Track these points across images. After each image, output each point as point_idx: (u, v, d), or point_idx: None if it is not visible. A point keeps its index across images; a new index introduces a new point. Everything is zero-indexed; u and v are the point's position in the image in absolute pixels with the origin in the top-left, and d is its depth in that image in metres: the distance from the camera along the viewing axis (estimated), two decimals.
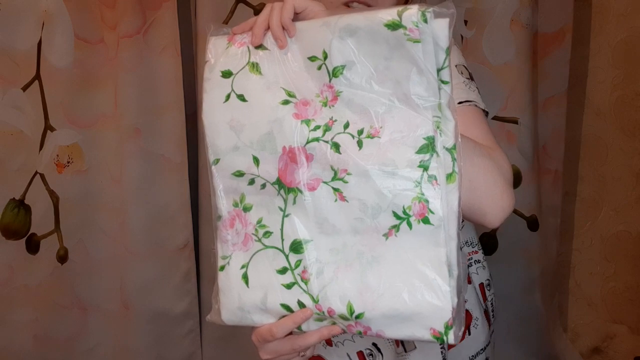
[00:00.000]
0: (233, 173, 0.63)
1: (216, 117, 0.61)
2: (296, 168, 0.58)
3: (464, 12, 1.27)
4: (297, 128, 0.58)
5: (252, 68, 0.60)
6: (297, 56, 0.60)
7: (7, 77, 1.36)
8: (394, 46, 0.54)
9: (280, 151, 0.59)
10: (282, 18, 0.60)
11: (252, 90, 0.60)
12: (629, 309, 1.46)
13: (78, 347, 1.43)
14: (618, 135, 1.41)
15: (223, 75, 0.61)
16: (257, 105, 0.60)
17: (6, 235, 1.40)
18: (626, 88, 1.39)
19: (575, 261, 1.48)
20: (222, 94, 0.61)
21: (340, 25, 0.56)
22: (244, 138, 0.60)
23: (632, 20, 1.37)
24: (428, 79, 0.54)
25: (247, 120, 0.60)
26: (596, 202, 1.45)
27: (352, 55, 0.56)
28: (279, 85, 0.59)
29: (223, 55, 0.61)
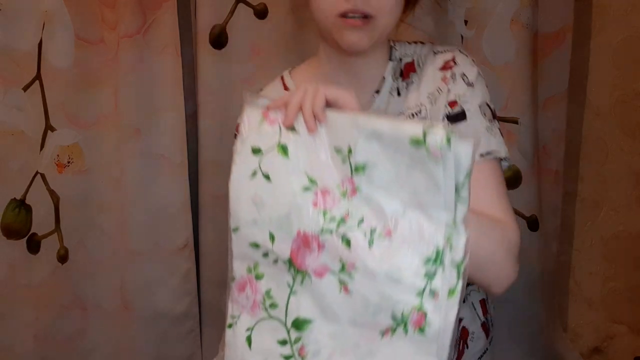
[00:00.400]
0: (250, 243, 0.66)
1: (241, 190, 0.65)
2: (308, 253, 0.62)
3: (464, 12, 1.27)
4: (313, 216, 0.61)
5: (280, 150, 0.63)
6: (324, 143, 0.63)
7: (7, 77, 1.36)
8: (416, 159, 0.57)
9: (295, 234, 0.62)
10: (313, 105, 0.62)
11: (278, 172, 0.63)
12: (629, 309, 1.46)
13: (78, 347, 1.43)
14: (618, 135, 1.41)
15: (253, 152, 0.64)
16: (280, 187, 0.63)
17: (7, 235, 1.40)
18: (626, 88, 1.39)
19: (575, 261, 1.48)
20: (250, 169, 0.64)
21: (367, 127, 0.59)
22: (264, 214, 0.64)
23: (632, 20, 1.36)
24: (445, 196, 0.56)
25: (269, 199, 0.64)
26: (596, 202, 1.45)
27: (376, 157, 0.59)
28: (303, 171, 0.63)
29: (255, 132, 0.65)
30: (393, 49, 0.84)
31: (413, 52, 0.83)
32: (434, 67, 0.80)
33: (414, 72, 0.81)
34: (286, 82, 0.89)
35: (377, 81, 0.82)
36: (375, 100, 0.81)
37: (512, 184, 1.30)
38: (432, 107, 0.79)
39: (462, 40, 1.27)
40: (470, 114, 0.77)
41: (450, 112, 0.78)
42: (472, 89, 0.78)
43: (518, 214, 1.31)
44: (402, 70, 0.82)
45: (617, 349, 1.46)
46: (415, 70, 0.81)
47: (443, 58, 0.81)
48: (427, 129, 0.55)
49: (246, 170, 0.65)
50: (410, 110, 0.80)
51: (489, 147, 0.77)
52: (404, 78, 0.81)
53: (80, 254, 1.41)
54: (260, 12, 1.31)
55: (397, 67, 0.82)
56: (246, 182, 0.65)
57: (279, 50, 1.31)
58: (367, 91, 0.82)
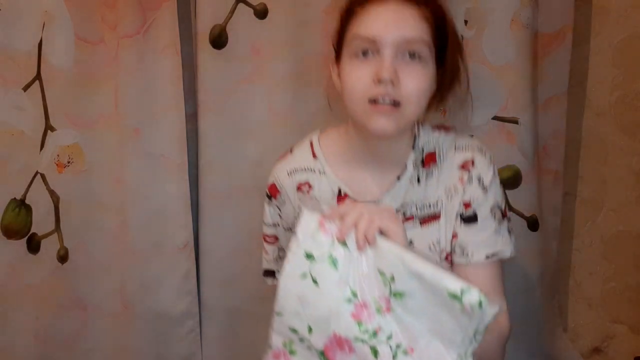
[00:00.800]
0: (290, 328, 0.75)
1: (290, 286, 0.74)
2: (339, 351, 0.72)
3: (464, 12, 1.27)
4: (350, 325, 0.70)
5: (330, 261, 0.71)
6: (370, 262, 0.71)
7: (7, 77, 1.36)
8: (449, 307, 0.66)
9: (331, 334, 0.71)
10: (367, 230, 0.70)
11: (325, 279, 0.72)
12: (629, 309, 1.46)
13: (78, 347, 1.43)
14: (618, 135, 1.41)
15: (306, 257, 0.72)
16: (325, 293, 0.72)
17: (7, 235, 1.40)
18: (626, 88, 1.39)
19: (575, 261, 1.48)
20: (301, 270, 0.73)
21: (412, 267, 0.68)
22: (307, 311, 0.73)
23: (632, 20, 1.37)
24: (464, 336, 0.67)
25: (313, 301, 0.72)
26: (596, 202, 1.45)
27: (414, 291, 0.68)
28: (348, 284, 0.71)
29: (310, 238, 0.72)
30: (417, 137, 0.88)
31: (435, 142, 0.88)
32: (454, 163, 0.86)
33: (434, 163, 0.87)
34: (315, 151, 0.92)
35: (400, 167, 0.87)
36: (395, 186, 0.87)
37: (512, 184, 1.30)
38: (449, 203, 0.86)
39: (462, 40, 1.27)
40: (482, 219, 0.85)
41: (464, 213, 0.85)
42: (486, 194, 0.85)
43: (518, 214, 1.31)
44: (424, 159, 0.87)
45: (617, 349, 1.46)
46: (436, 161, 0.87)
47: (463, 157, 0.87)
48: (465, 290, 0.65)
49: (298, 270, 0.73)
50: (429, 200, 0.87)
51: (495, 249, 0.85)
52: (424, 166, 0.87)
53: (80, 254, 1.41)
54: (260, 12, 1.31)
55: (419, 156, 0.87)
56: (296, 280, 0.73)
57: (279, 50, 1.31)
58: (389, 175, 0.87)
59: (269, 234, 0.99)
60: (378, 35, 0.76)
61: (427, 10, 0.80)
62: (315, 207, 0.89)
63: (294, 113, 1.32)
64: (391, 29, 0.76)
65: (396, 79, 0.75)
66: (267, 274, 1.02)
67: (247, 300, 1.38)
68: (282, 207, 0.95)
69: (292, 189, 0.92)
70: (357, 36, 0.78)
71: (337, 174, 0.89)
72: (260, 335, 1.38)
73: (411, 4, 0.79)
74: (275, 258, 0.99)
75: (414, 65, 0.77)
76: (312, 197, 0.89)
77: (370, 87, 0.76)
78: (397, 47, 0.76)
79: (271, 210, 0.97)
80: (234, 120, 1.34)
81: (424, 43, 0.77)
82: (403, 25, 0.77)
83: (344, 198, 0.87)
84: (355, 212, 0.71)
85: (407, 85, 0.76)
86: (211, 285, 1.39)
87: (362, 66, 0.78)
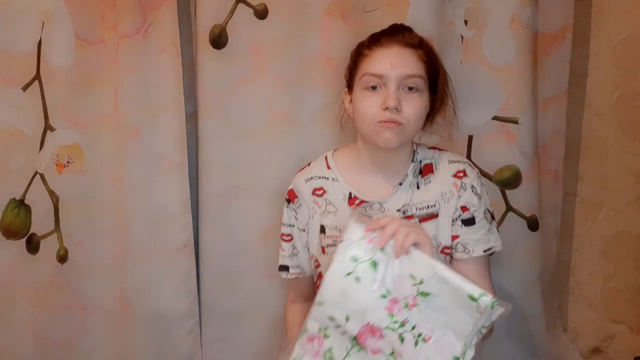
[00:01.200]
0: (328, 316, 0.90)
1: (335, 282, 0.89)
2: (370, 337, 0.88)
3: (464, 12, 1.27)
4: (383, 316, 0.87)
5: (371, 264, 0.88)
6: (404, 268, 0.87)
7: (7, 77, 1.36)
8: (467, 306, 0.85)
9: (366, 323, 0.88)
10: (404, 240, 0.86)
11: (366, 278, 0.88)
12: (629, 309, 1.46)
13: (78, 347, 1.43)
14: (618, 135, 1.42)
15: (352, 259, 0.88)
16: (365, 289, 0.87)
17: (6, 235, 1.40)
18: (626, 88, 1.39)
19: (575, 261, 1.48)
20: (347, 270, 0.88)
21: (441, 274, 0.86)
22: (347, 303, 0.88)
23: (632, 20, 1.37)
24: (472, 330, 0.85)
25: (354, 295, 0.88)
26: (596, 202, 1.45)
27: (438, 293, 0.86)
28: (384, 283, 0.87)
29: (356, 245, 0.88)
30: (415, 152, 1.07)
31: (432, 157, 1.07)
32: (448, 173, 1.04)
33: (432, 173, 1.06)
34: (329, 162, 1.11)
35: (401, 176, 1.05)
36: (397, 190, 1.05)
37: (512, 184, 1.30)
38: (445, 205, 1.04)
39: (462, 40, 1.28)
40: (478, 220, 1.04)
41: (462, 216, 1.04)
42: (480, 200, 1.04)
43: (518, 214, 1.31)
44: (422, 169, 1.06)
45: (617, 349, 1.47)
46: (433, 171, 1.05)
47: (456, 167, 1.05)
48: (482, 294, 0.84)
49: (343, 270, 0.88)
50: (427, 203, 1.04)
51: (490, 244, 1.05)
52: (422, 175, 1.06)
53: (80, 254, 1.41)
54: (260, 12, 1.31)
55: (417, 167, 1.06)
56: (341, 277, 0.88)
57: (279, 50, 1.31)
58: (392, 181, 1.05)
59: (286, 233, 1.13)
60: (385, 73, 0.97)
61: (422, 52, 1.00)
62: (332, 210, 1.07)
63: (294, 113, 1.32)
64: (395, 68, 0.97)
65: (399, 106, 0.96)
66: (282, 268, 1.14)
67: (247, 300, 1.38)
68: (298, 210, 1.11)
69: (308, 193, 1.09)
70: (369, 74, 0.98)
71: (347, 181, 1.07)
72: (260, 335, 1.39)
73: (410, 47, 0.99)
74: (290, 255, 1.13)
75: (412, 95, 0.98)
76: (325, 199, 1.07)
77: (379, 112, 0.96)
78: (400, 82, 0.97)
79: (289, 213, 1.12)
80: (234, 120, 1.34)
81: (420, 78, 0.98)
82: (404, 64, 0.97)
83: (354, 200, 1.05)
84: (394, 225, 0.87)
85: (407, 111, 0.97)
86: (211, 285, 1.39)
87: (372, 96, 0.98)
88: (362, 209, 1.04)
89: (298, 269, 1.13)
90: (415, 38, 1.02)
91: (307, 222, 1.09)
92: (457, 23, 1.27)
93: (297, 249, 1.11)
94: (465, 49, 1.28)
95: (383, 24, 1.25)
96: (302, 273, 1.13)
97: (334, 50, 1.28)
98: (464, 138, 1.30)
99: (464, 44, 1.28)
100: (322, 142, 1.30)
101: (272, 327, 1.38)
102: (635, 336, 1.45)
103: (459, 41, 1.28)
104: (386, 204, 1.04)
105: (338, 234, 1.04)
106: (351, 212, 0.96)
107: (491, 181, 1.30)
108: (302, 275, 1.13)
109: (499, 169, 1.30)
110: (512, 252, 1.31)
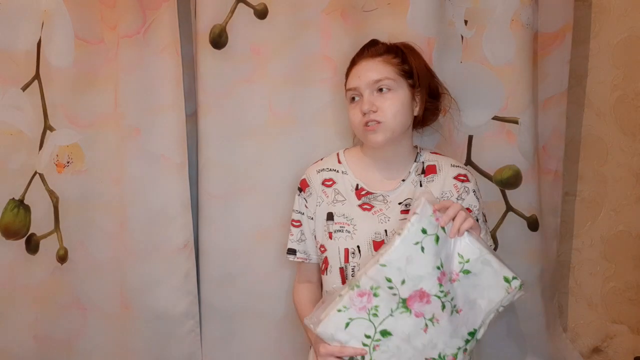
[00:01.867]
0: (386, 277, 0.99)
1: (403, 249, 0.99)
2: (418, 302, 0.99)
3: (464, 12, 1.27)
4: (434, 284, 0.98)
5: (435, 238, 0.99)
6: (455, 246, 1.01)
7: (6, 77, 1.36)
8: (499, 285, 1.01)
9: (419, 289, 0.99)
10: (461, 223, 1.00)
11: (429, 249, 0.99)
12: (629, 309, 1.46)
13: (78, 347, 1.43)
14: (618, 135, 1.42)
15: (422, 231, 0.99)
16: (425, 259, 0.98)
17: (6, 236, 1.40)
18: (626, 88, 1.40)
19: (575, 261, 1.49)
20: (415, 239, 0.99)
21: (487, 257, 1.00)
22: (408, 269, 0.99)
23: (632, 20, 1.37)
24: (495, 306, 1.01)
25: (416, 262, 0.99)
26: (596, 202, 1.45)
27: (478, 272, 1.00)
28: (440, 256, 0.99)
29: (427, 220, 0.99)
30: (419, 154, 1.17)
31: (435, 160, 1.16)
32: (451, 174, 1.14)
33: (434, 174, 1.15)
34: (340, 158, 1.20)
35: (405, 173, 1.15)
36: (401, 186, 1.14)
37: (512, 184, 1.30)
38: None
39: (462, 40, 1.28)
40: (480, 223, 1.13)
41: None
42: (479, 204, 1.14)
43: (518, 214, 1.31)
44: (425, 169, 1.15)
45: (617, 349, 1.47)
46: (436, 172, 1.15)
47: (458, 171, 1.15)
48: (514, 277, 1.00)
49: (413, 239, 0.98)
50: None
51: (488, 243, 1.15)
52: (425, 175, 1.15)
53: (79, 254, 1.41)
54: (260, 12, 1.31)
55: (420, 166, 1.16)
56: (409, 245, 0.99)
57: (279, 50, 1.31)
58: (396, 177, 1.15)
59: (296, 219, 1.21)
60: (357, 85, 1.10)
61: (388, 56, 1.11)
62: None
63: (294, 113, 1.32)
64: (362, 78, 1.10)
65: (374, 107, 1.08)
66: (290, 251, 1.21)
67: (247, 300, 1.38)
68: (308, 198, 1.18)
69: (318, 183, 1.18)
70: (348, 89, 1.13)
71: (356, 175, 1.16)
72: (260, 335, 1.39)
73: (376, 57, 1.11)
74: (298, 240, 1.20)
75: (385, 95, 1.09)
76: (334, 189, 1.16)
77: (361, 118, 1.09)
78: (370, 88, 1.09)
79: (299, 201, 1.20)
80: (234, 120, 1.34)
81: (387, 79, 1.09)
82: (371, 73, 1.09)
83: (361, 191, 1.14)
84: (455, 209, 1.00)
85: (383, 109, 1.08)
86: (211, 285, 1.39)
87: (355, 106, 1.11)
88: (367, 199, 1.13)
89: (305, 254, 1.19)
90: (381, 48, 1.13)
91: (315, 210, 1.17)
92: (457, 23, 1.27)
93: (305, 235, 1.19)
94: (465, 49, 1.28)
95: (383, 23, 1.25)
96: (308, 259, 1.20)
97: (334, 50, 1.28)
98: (464, 138, 1.30)
99: (464, 44, 1.28)
100: (322, 142, 1.31)
101: (272, 327, 1.37)
102: (635, 336, 1.45)
103: (459, 41, 1.28)
104: (389, 197, 1.13)
105: (345, 220, 1.13)
106: (423, 190, 1.09)
107: (491, 181, 1.30)
108: (308, 261, 1.20)
109: (499, 169, 1.30)
110: (512, 252, 1.31)
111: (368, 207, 1.12)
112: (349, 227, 1.11)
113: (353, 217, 1.12)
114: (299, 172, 1.22)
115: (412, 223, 0.99)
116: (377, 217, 1.11)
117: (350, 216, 1.12)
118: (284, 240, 1.21)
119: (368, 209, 1.12)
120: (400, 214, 1.10)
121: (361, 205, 1.12)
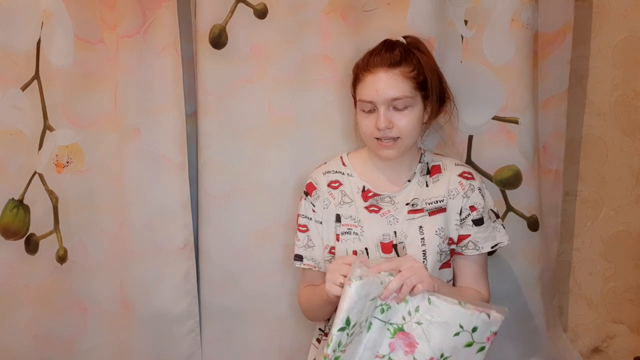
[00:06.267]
0: None
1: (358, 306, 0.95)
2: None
3: (464, 12, 1.27)
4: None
5: (380, 309, 1.00)
6: None
7: (6, 77, 1.36)
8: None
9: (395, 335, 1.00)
10: (400, 297, 0.98)
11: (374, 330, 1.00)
12: (629, 309, 1.46)
13: (78, 347, 1.43)
14: (618, 135, 1.42)
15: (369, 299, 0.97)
16: None
17: (5, 236, 1.40)
18: (626, 88, 1.40)
19: (575, 261, 1.49)
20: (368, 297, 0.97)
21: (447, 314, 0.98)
22: None
23: (632, 20, 1.37)
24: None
25: None
26: (596, 202, 1.45)
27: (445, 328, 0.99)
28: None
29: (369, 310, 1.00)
30: (423, 155, 1.17)
31: (439, 160, 1.17)
32: (455, 173, 1.14)
33: (439, 173, 1.15)
34: (344, 161, 1.20)
35: (410, 174, 1.15)
36: (406, 186, 1.14)
37: (512, 184, 1.30)
38: (451, 201, 1.13)
39: (462, 40, 1.28)
40: (485, 220, 1.13)
41: (472, 216, 1.12)
42: (484, 202, 1.13)
43: (518, 214, 1.31)
44: (429, 169, 1.16)
45: (617, 349, 1.47)
46: (441, 172, 1.15)
47: (462, 169, 1.15)
48: (490, 312, 0.98)
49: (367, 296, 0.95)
50: (436, 198, 1.13)
51: (495, 241, 1.14)
52: (431, 175, 1.15)
53: (79, 254, 1.41)
54: (260, 12, 1.31)
55: (424, 167, 1.16)
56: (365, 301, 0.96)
57: (279, 50, 1.31)
58: (401, 178, 1.15)
59: (302, 224, 1.18)
60: (374, 99, 1.06)
61: (407, 68, 1.06)
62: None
63: (294, 113, 1.32)
64: (380, 94, 1.05)
65: (390, 124, 1.06)
66: (297, 257, 1.18)
67: (247, 300, 1.38)
68: (315, 202, 1.17)
69: (325, 185, 1.17)
70: (361, 100, 1.09)
71: (361, 177, 1.16)
72: (260, 335, 1.39)
73: (393, 67, 1.06)
74: (305, 245, 1.17)
75: (402, 112, 1.06)
76: (340, 190, 1.16)
77: (375, 130, 1.07)
78: (387, 104, 1.06)
79: (306, 205, 1.18)
80: (234, 120, 1.34)
81: (406, 97, 1.05)
82: (388, 89, 1.05)
83: (368, 192, 1.14)
84: (398, 283, 0.97)
85: (400, 126, 1.06)
86: (211, 285, 1.39)
87: (368, 117, 1.08)
88: (374, 201, 1.13)
89: (312, 262, 1.16)
90: (397, 55, 1.07)
91: (323, 213, 1.16)
92: (457, 23, 1.27)
93: (313, 241, 1.17)
94: (465, 49, 1.28)
95: (383, 23, 1.25)
96: (316, 267, 1.16)
97: (334, 50, 1.28)
98: (464, 138, 1.30)
99: (464, 44, 1.28)
100: (322, 142, 1.31)
101: (272, 327, 1.38)
102: (635, 336, 1.46)
103: (459, 41, 1.28)
104: (396, 198, 1.13)
105: (353, 222, 1.12)
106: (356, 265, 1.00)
107: (491, 181, 1.30)
108: (316, 270, 1.16)
109: (499, 169, 1.30)
110: (512, 252, 1.31)
111: (376, 209, 1.12)
112: (356, 229, 1.11)
113: (360, 219, 1.12)
114: (299, 172, 1.22)
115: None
116: (386, 219, 1.11)
117: (358, 218, 1.12)
118: (284, 241, 1.21)
119: (376, 210, 1.12)
120: (408, 214, 1.10)
121: (368, 207, 1.12)
